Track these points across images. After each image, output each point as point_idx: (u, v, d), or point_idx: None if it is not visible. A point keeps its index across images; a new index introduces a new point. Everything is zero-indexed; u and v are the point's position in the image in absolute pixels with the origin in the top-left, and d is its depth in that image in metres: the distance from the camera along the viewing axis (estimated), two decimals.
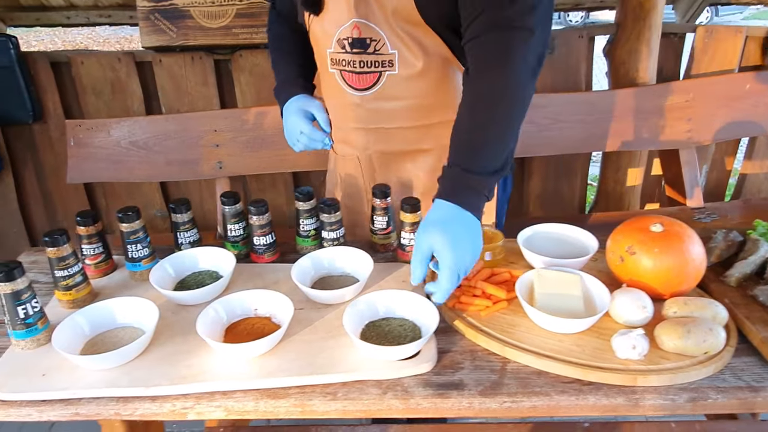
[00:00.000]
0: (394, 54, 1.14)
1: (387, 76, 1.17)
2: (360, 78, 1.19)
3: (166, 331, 1.00)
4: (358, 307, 0.99)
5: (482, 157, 0.96)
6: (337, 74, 1.22)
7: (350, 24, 1.13)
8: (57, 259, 1.05)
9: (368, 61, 1.16)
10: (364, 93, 1.21)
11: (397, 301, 1.02)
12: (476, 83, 1.00)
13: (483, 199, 0.96)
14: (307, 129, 1.27)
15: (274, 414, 0.88)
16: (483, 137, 0.97)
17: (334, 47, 1.18)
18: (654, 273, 0.99)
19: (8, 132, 2.53)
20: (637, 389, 0.87)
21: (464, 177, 0.95)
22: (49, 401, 0.88)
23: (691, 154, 2.14)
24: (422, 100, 1.21)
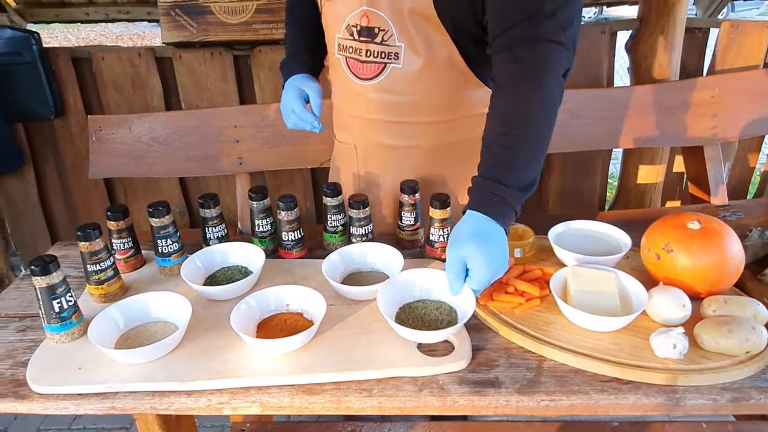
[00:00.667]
0: (401, 47, 1.13)
1: (391, 69, 1.16)
2: (364, 67, 1.18)
3: (198, 325, 1.00)
4: (394, 286, 0.99)
5: (516, 172, 0.95)
6: (342, 60, 1.22)
7: (360, 11, 1.13)
8: (89, 253, 1.05)
9: (374, 51, 1.15)
10: (366, 82, 1.20)
11: (433, 283, 1.01)
12: (511, 98, 0.98)
13: (513, 213, 0.95)
14: (299, 109, 1.26)
15: (309, 410, 0.88)
16: (518, 153, 0.96)
17: (343, 33, 1.18)
18: (692, 271, 0.98)
19: (29, 127, 2.55)
20: (678, 389, 0.86)
21: (498, 190, 0.93)
22: (86, 395, 0.88)
23: (716, 151, 2.11)
24: (424, 97, 1.19)
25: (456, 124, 1.25)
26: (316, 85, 1.29)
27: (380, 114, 1.24)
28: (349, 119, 1.32)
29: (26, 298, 1.16)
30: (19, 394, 0.90)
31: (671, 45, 2.22)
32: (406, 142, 1.27)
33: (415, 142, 1.27)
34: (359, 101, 1.25)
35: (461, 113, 1.24)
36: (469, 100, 1.22)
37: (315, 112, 1.27)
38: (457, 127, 1.25)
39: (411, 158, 1.29)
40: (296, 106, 1.26)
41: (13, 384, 0.91)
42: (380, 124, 1.26)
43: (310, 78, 1.31)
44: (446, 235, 1.18)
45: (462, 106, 1.23)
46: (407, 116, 1.23)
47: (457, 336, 0.95)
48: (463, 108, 1.23)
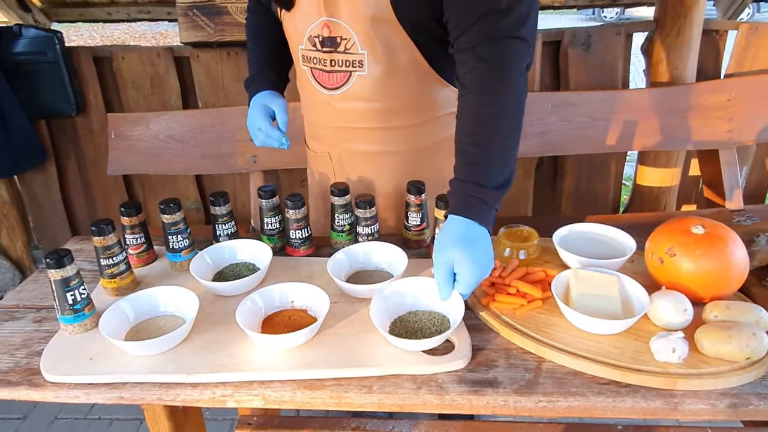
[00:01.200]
0: (364, 54, 1.13)
1: (357, 77, 1.16)
2: (330, 77, 1.19)
3: (205, 320, 1.03)
4: (384, 300, 1.00)
5: (492, 171, 0.96)
6: (308, 71, 1.22)
7: (320, 22, 1.13)
8: (103, 248, 1.08)
9: (339, 60, 1.16)
10: (333, 92, 1.21)
11: (423, 292, 1.02)
12: (478, 97, 0.99)
13: (493, 212, 0.97)
14: (265, 127, 1.25)
15: (310, 405, 0.90)
16: (492, 152, 0.97)
17: (305, 44, 1.19)
18: (695, 276, 0.98)
19: (52, 124, 2.62)
20: (677, 393, 0.86)
21: (476, 192, 0.95)
22: (96, 385, 0.92)
23: (731, 155, 2.09)
24: (391, 102, 1.20)
25: (427, 126, 1.27)
26: (281, 101, 1.28)
27: (350, 122, 1.25)
28: (320, 129, 1.33)
29: (43, 290, 1.20)
30: (33, 382, 0.93)
31: (688, 47, 2.20)
32: (380, 147, 1.28)
33: (388, 147, 1.28)
34: (328, 111, 1.25)
35: (430, 114, 1.25)
36: (437, 101, 1.24)
37: (281, 128, 1.26)
38: (428, 129, 1.27)
39: (386, 163, 1.30)
40: (262, 123, 1.25)
41: (28, 372, 0.95)
42: (352, 132, 1.27)
43: (276, 95, 1.30)
44: None
45: (430, 108, 1.25)
46: (377, 122, 1.24)
47: (457, 336, 0.97)
48: (431, 109, 1.25)
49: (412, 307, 1.03)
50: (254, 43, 1.37)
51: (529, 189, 2.63)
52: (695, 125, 2.08)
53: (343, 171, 1.36)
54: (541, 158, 2.59)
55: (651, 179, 2.48)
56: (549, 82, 2.45)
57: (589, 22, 12.96)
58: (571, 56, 2.34)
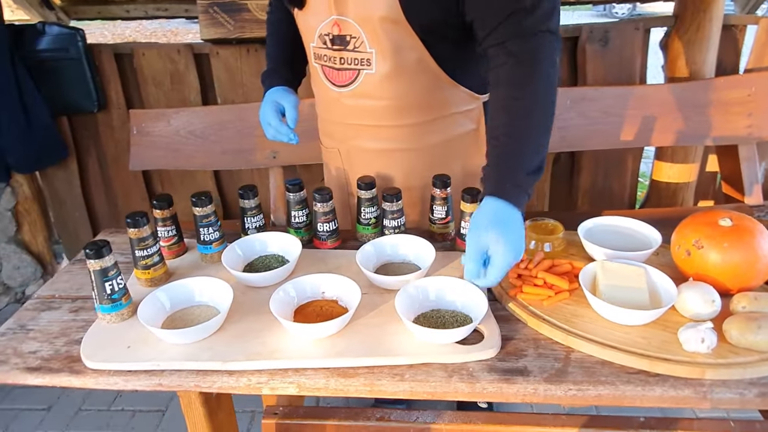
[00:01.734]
0: (372, 53, 1.15)
1: (365, 75, 1.18)
2: (339, 74, 1.21)
3: (238, 309, 1.05)
4: (408, 296, 1.01)
5: (525, 158, 0.99)
6: (319, 69, 1.25)
7: (330, 20, 1.15)
8: (137, 239, 1.11)
9: (348, 58, 1.18)
10: (342, 89, 1.23)
11: (448, 290, 1.04)
12: (511, 89, 1.01)
13: (526, 197, 0.99)
14: (275, 122, 1.29)
15: (344, 392, 0.92)
16: (523, 142, 0.99)
17: (317, 42, 1.21)
18: (723, 268, 0.99)
19: (73, 121, 2.66)
20: (705, 382, 0.87)
21: (511, 176, 0.97)
22: (135, 372, 0.94)
23: (750, 150, 2.08)
24: (399, 101, 1.22)
25: (435, 125, 1.28)
26: (293, 98, 1.31)
27: (359, 119, 1.27)
28: (331, 125, 1.36)
29: (77, 281, 1.23)
30: (74, 369, 0.96)
31: (707, 42, 2.20)
32: (388, 145, 1.30)
33: (396, 144, 1.29)
34: (338, 108, 1.28)
35: (439, 113, 1.27)
36: (445, 100, 1.25)
37: (290, 125, 1.29)
38: (437, 128, 1.29)
39: (395, 160, 1.32)
40: (272, 119, 1.29)
41: (69, 360, 0.98)
42: (360, 129, 1.29)
43: (288, 91, 1.33)
44: None
45: (439, 106, 1.26)
46: (385, 120, 1.25)
47: (486, 326, 0.98)
48: (440, 108, 1.26)
49: (436, 305, 1.04)
50: (272, 39, 1.41)
51: (546, 185, 2.63)
52: (715, 121, 2.08)
53: (352, 167, 1.38)
54: (557, 154, 2.60)
55: (668, 175, 2.47)
56: (567, 78, 2.46)
57: (600, 17, 12.88)
58: (588, 52, 2.34)
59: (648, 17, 2.36)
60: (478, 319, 0.95)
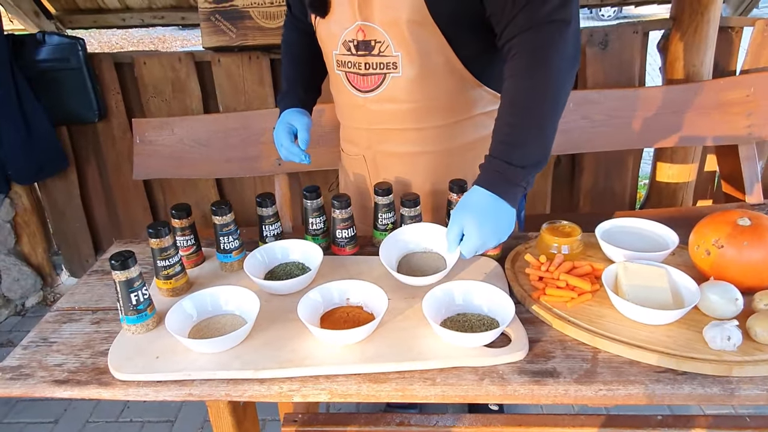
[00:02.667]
0: (398, 56, 1.16)
1: (391, 78, 1.19)
2: (365, 79, 1.22)
3: (263, 317, 1.05)
4: (436, 296, 1.03)
5: (523, 151, 1.01)
6: (343, 76, 1.26)
7: (355, 27, 1.16)
8: (159, 249, 1.11)
9: (373, 63, 1.19)
10: (368, 95, 1.24)
11: (474, 293, 1.05)
12: (518, 81, 1.03)
13: (520, 189, 1.02)
14: (287, 143, 1.32)
15: (375, 397, 0.93)
16: (524, 133, 1.01)
17: (340, 49, 1.22)
18: (743, 266, 1.01)
19: (73, 131, 2.65)
20: (732, 379, 0.89)
21: (502, 168, 1.00)
22: (165, 382, 0.94)
23: (750, 150, 2.12)
24: (425, 103, 1.23)
25: (460, 126, 1.29)
26: (305, 120, 1.34)
27: (385, 123, 1.28)
28: (355, 132, 1.37)
29: (96, 293, 1.22)
30: (102, 381, 0.95)
31: (704, 44, 2.23)
32: (415, 148, 1.31)
33: (423, 147, 1.30)
34: (363, 113, 1.29)
35: (464, 114, 1.28)
36: (470, 101, 1.27)
37: (302, 146, 1.32)
38: (462, 129, 1.30)
39: (421, 163, 1.33)
40: (285, 140, 1.32)
41: (96, 372, 0.97)
42: (386, 133, 1.30)
43: (302, 112, 1.36)
44: None
45: (464, 108, 1.27)
46: (412, 123, 1.26)
47: (513, 328, 0.99)
48: (465, 109, 1.28)
49: (462, 309, 1.05)
50: (287, 59, 1.43)
51: (548, 187, 2.66)
52: (715, 121, 2.11)
53: (378, 173, 1.39)
54: (558, 156, 2.63)
55: (668, 175, 2.51)
56: None
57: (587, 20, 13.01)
58: (588, 55, 2.37)
59: (647, 20, 2.39)
60: (505, 322, 0.96)
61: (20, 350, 1.04)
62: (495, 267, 1.20)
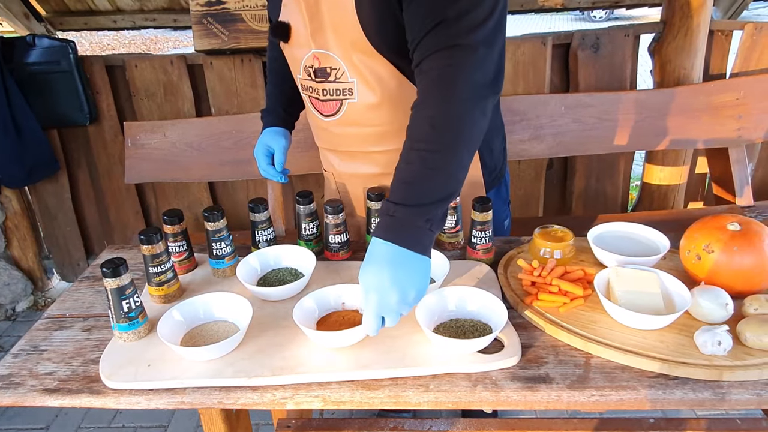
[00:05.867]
0: (353, 82, 1.15)
1: (348, 104, 1.19)
2: (324, 105, 1.22)
3: (255, 324, 1.05)
4: (428, 302, 1.02)
5: (419, 190, 0.87)
6: (307, 99, 1.28)
7: (311, 54, 1.17)
8: (151, 256, 1.10)
9: (330, 89, 1.19)
10: (329, 119, 1.24)
11: (467, 299, 1.05)
12: (418, 111, 0.92)
13: (424, 232, 0.87)
14: (263, 164, 1.39)
15: (369, 404, 0.92)
16: (415, 167, 0.88)
17: (302, 74, 1.23)
18: (734, 271, 1.01)
19: (63, 134, 2.63)
20: (723, 384, 0.89)
21: (400, 212, 0.86)
22: (157, 390, 0.93)
23: (740, 152, 2.14)
24: (384, 127, 1.21)
25: None
26: (283, 142, 1.38)
27: (349, 146, 1.29)
28: (325, 152, 1.39)
29: (87, 299, 1.21)
30: (94, 389, 0.95)
31: (695, 47, 2.25)
32: (380, 169, 1.30)
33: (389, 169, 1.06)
34: (328, 136, 1.31)
35: None
36: None
37: (278, 168, 1.38)
38: None
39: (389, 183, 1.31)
40: (262, 162, 1.39)
41: (87, 380, 0.97)
42: (352, 155, 1.31)
43: (281, 133, 1.39)
44: (487, 237, 1.22)
45: None
46: (375, 146, 1.26)
47: (506, 334, 0.99)
48: None
49: (455, 315, 1.05)
50: (270, 77, 1.46)
51: (540, 190, 2.67)
52: (705, 124, 2.13)
53: (347, 191, 1.40)
54: (551, 159, 2.64)
55: (659, 177, 2.52)
56: (558, 84, 2.50)
57: (579, 22, 13.08)
58: (580, 58, 2.38)
59: (638, 23, 2.41)
60: (498, 328, 0.96)
61: (10, 358, 1.03)
62: (488, 272, 1.20)
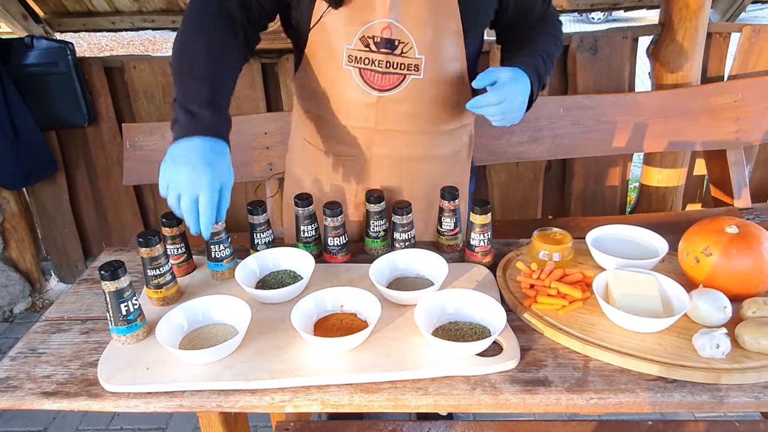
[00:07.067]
0: (421, 59, 1.17)
1: (411, 80, 1.19)
2: (384, 78, 1.19)
3: (254, 326, 1.04)
4: (427, 305, 1.02)
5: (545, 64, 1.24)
6: (354, 72, 1.19)
7: (380, 24, 1.13)
8: (149, 258, 1.10)
9: (394, 63, 1.18)
10: (383, 93, 1.21)
11: (465, 302, 1.05)
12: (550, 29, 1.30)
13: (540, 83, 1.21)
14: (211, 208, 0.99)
15: (368, 408, 0.92)
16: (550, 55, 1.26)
17: (356, 44, 1.16)
18: (732, 274, 1.01)
19: (62, 135, 2.63)
20: (721, 387, 0.90)
21: (536, 66, 1.20)
22: (155, 393, 0.93)
23: (738, 155, 2.14)
24: (434, 108, 1.25)
25: (450, 135, 1.35)
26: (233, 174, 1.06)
27: (391, 124, 1.27)
28: (355, 131, 1.29)
29: (85, 302, 1.21)
30: (92, 393, 0.94)
31: (693, 50, 2.25)
32: (408, 151, 1.31)
33: (415, 151, 1.32)
34: (372, 112, 1.24)
35: (456, 124, 1.33)
36: (462, 112, 1.31)
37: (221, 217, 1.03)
38: (450, 138, 1.36)
39: (412, 169, 1.34)
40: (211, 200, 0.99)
41: (85, 383, 0.96)
42: (388, 135, 1.28)
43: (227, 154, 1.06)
44: (486, 239, 1.22)
45: (458, 117, 1.32)
46: (417, 126, 1.27)
47: (504, 337, 0.99)
48: (458, 119, 1.33)
49: (454, 318, 1.05)
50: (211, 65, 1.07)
51: (539, 191, 2.67)
52: (703, 126, 2.13)
53: (370, 176, 1.36)
54: (549, 161, 2.64)
55: (657, 179, 2.53)
56: (557, 86, 2.50)
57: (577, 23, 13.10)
58: (579, 60, 2.39)
59: (636, 26, 2.41)
60: (497, 331, 0.96)
61: (8, 362, 1.03)
62: (486, 275, 1.20)
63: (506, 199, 2.68)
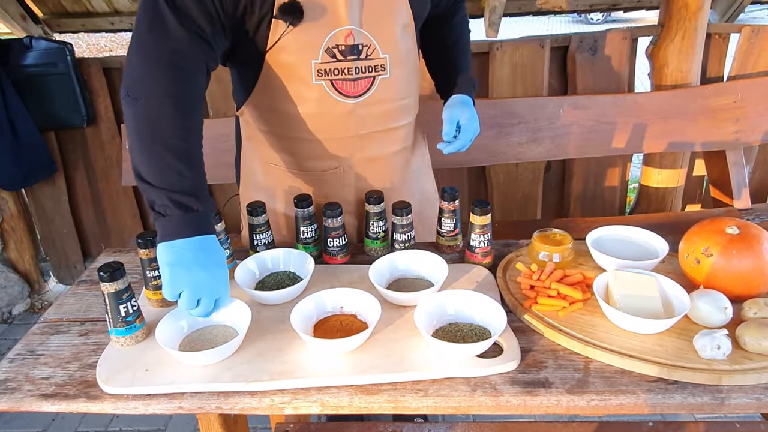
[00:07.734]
0: (386, 58, 1.20)
1: (380, 81, 1.22)
2: (355, 84, 1.20)
3: (254, 328, 1.04)
4: (427, 306, 1.02)
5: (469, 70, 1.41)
6: (327, 85, 1.18)
7: (342, 31, 1.14)
8: (149, 260, 1.10)
9: (363, 67, 1.19)
10: (357, 99, 1.22)
11: (465, 303, 1.05)
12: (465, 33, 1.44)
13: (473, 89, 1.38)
14: None
15: (368, 409, 0.92)
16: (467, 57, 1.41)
17: (322, 57, 1.15)
18: (733, 275, 1.01)
19: (61, 136, 2.62)
20: (723, 388, 0.89)
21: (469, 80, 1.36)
22: (155, 395, 0.93)
23: (738, 155, 2.14)
24: (404, 101, 1.30)
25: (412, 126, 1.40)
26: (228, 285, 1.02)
27: (370, 127, 1.27)
28: (336, 143, 1.27)
29: (84, 303, 1.20)
30: (91, 395, 0.94)
31: (692, 50, 2.25)
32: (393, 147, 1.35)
33: (396, 146, 1.36)
34: (350, 120, 1.23)
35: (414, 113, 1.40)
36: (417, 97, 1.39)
37: None
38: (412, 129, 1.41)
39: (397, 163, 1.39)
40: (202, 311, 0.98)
41: (84, 385, 0.96)
42: (369, 137, 1.28)
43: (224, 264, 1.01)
44: (486, 240, 1.22)
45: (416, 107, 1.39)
46: (394, 121, 1.31)
47: (505, 338, 0.99)
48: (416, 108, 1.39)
49: (453, 319, 1.05)
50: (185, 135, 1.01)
51: (538, 192, 2.67)
52: (702, 127, 2.13)
53: (353, 182, 1.34)
54: (549, 162, 2.64)
55: (657, 180, 2.53)
56: (557, 87, 2.50)
57: (576, 24, 13.11)
58: (578, 61, 2.39)
59: (635, 26, 2.41)
60: (497, 333, 0.95)
61: (6, 363, 1.03)
62: (486, 276, 1.20)
63: (506, 199, 2.68)
